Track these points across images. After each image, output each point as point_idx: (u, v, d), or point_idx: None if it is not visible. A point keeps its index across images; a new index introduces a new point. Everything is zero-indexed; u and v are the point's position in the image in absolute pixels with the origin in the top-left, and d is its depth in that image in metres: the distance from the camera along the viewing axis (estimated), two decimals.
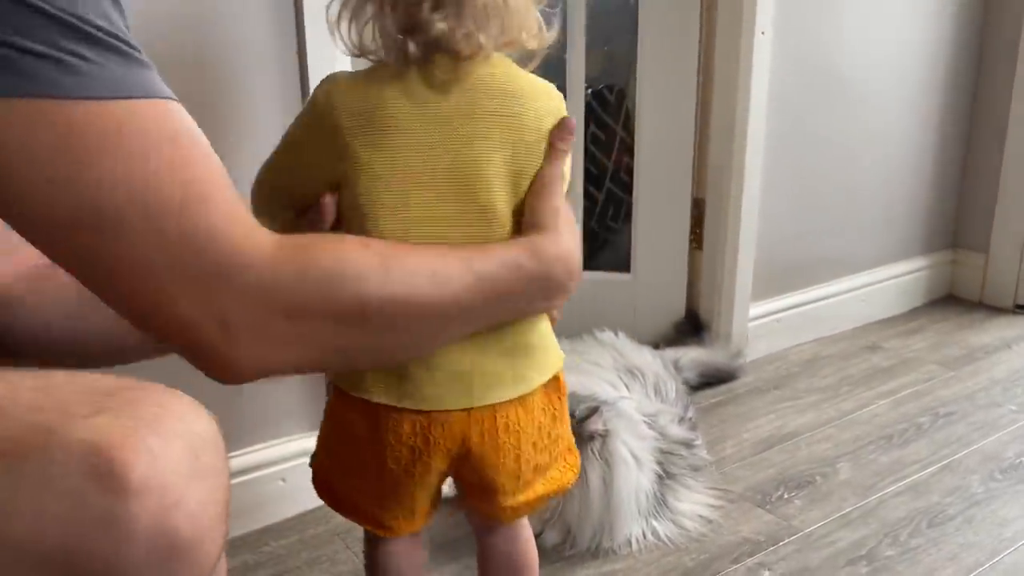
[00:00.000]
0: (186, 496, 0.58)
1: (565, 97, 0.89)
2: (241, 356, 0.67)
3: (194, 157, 0.63)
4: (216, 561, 0.62)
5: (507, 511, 0.94)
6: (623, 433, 1.38)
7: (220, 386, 1.34)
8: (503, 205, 0.83)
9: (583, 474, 1.35)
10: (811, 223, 2.14)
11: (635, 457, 1.38)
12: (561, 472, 0.97)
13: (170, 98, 0.63)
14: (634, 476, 1.37)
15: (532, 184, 0.84)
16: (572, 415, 1.34)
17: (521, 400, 0.89)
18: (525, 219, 0.84)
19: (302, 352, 0.70)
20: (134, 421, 0.58)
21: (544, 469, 0.94)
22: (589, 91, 2.12)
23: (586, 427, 1.33)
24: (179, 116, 0.63)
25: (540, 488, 0.95)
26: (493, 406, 0.88)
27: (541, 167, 0.84)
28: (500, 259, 0.79)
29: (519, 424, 0.89)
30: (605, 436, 1.35)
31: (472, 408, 0.87)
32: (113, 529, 0.55)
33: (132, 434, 0.57)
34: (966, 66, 2.33)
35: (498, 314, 0.82)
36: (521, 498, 0.93)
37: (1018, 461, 1.63)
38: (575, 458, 0.99)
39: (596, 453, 1.35)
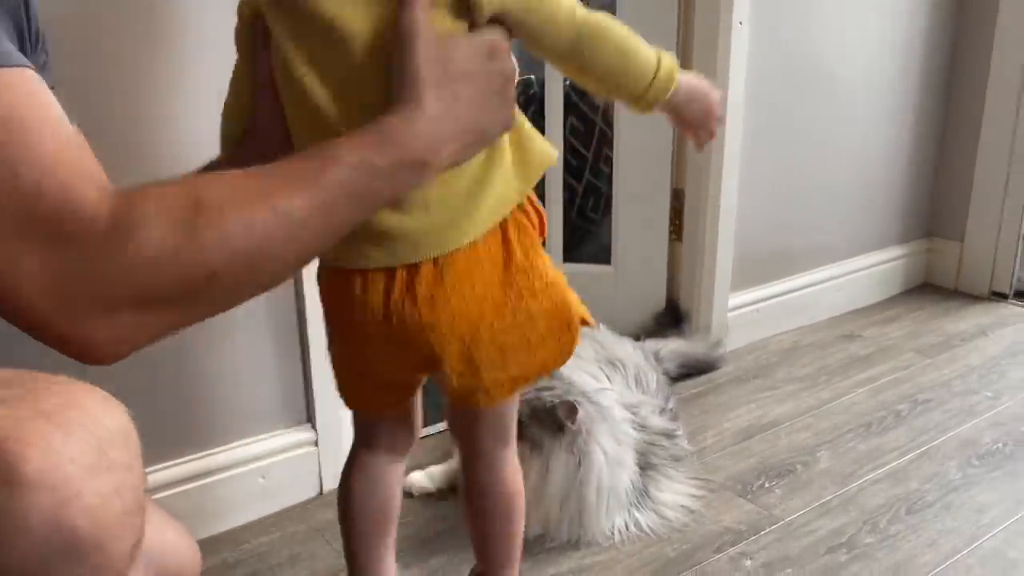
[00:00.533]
0: (86, 490, 0.56)
1: (543, 87, 0.87)
2: (89, 334, 0.63)
3: (31, 119, 0.61)
4: (128, 561, 0.61)
5: (464, 393, 0.88)
6: (601, 436, 1.37)
7: (200, 384, 1.32)
8: (375, 75, 0.76)
9: (547, 471, 1.35)
10: (789, 214, 2.15)
11: (610, 459, 1.37)
12: (551, 353, 0.89)
13: (20, 65, 0.62)
14: (606, 478, 1.36)
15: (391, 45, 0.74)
16: (552, 408, 1.34)
17: (451, 261, 0.82)
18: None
19: (163, 324, 0.67)
20: (33, 412, 0.56)
21: (516, 349, 0.86)
22: (567, 81, 2.11)
23: (559, 418, 1.34)
24: (23, 83, 0.62)
25: (514, 370, 0.87)
26: (412, 268, 0.81)
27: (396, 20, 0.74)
28: (348, 164, 0.71)
29: (449, 290, 0.82)
30: (577, 435, 1.35)
31: (395, 268, 0.81)
32: (5, 523, 0.54)
33: (29, 425, 0.56)
34: (941, 58, 2.34)
35: (368, 210, 0.74)
36: (491, 377, 0.86)
37: (995, 447, 1.64)
38: (572, 336, 0.91)
39: (565, 448, 1.35)
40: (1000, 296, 2.40)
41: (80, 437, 0.57)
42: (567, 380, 1.45)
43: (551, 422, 1.35)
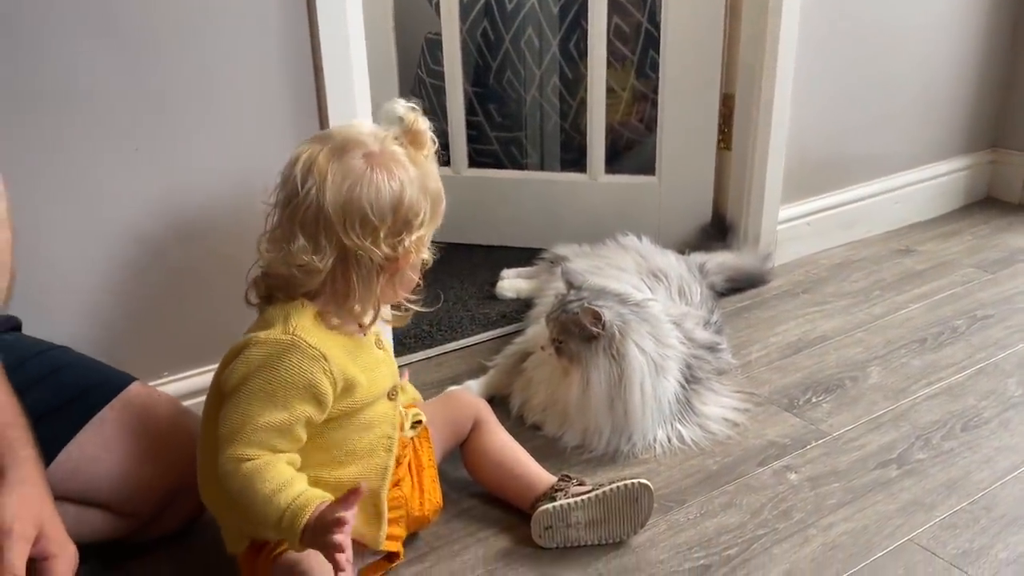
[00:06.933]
0: None
1: None
2: None
3: None
4: None
5: None
6: (639, 337, 1.32)
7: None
8: None
9: (587, 382, 1.32)
10: (846, 120, 2.03)
11: (651, 360, 1.33)
12: None
13: None
14: (649, 381, 1.32)
15: None
16: (576, 317, 1.30)
17: None
18: None
19: None
20: None
21: None
22: None
23: (586, 327, 1.30)
24: None
25: None
26: None
27: None
28: None
29: None
30: (612, 339, 1.31)
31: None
32: None
33: None
34: None
35: None
36: None
37: None
38: None
39: (602, 355, 1.31)
40: None
41: None
42: (596, 288, 1.40)
43: (581, 332, 1.31)
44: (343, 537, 0.85)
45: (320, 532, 0.86)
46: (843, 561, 1.12)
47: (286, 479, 0.91)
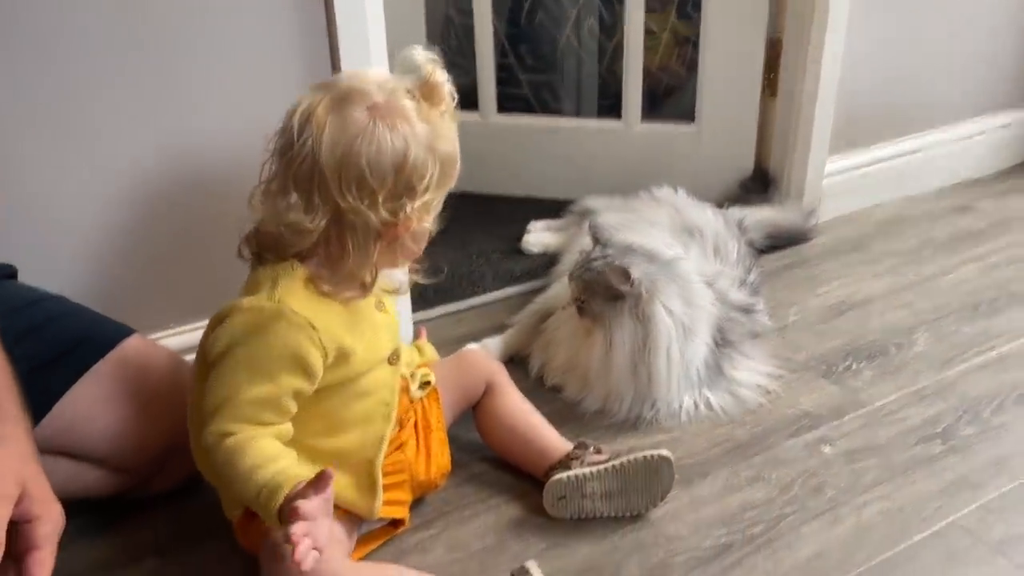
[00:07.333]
0: None
1: None
2: None
3: None
4: None
5: None
6: (666, 297, 1.25)
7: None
8: None
9: (611, 344, 1.25)
10: (902, 66, 1.90)
11: (679, 321, 1.26)
12: None
13: None
14: (676, 344, 1.25)
15: None
16: (603, 275, 1.22)
17: None
18: None
19: None
20: None
21: None
22: None
23: (613, 286, 1.23)
24: None
25: None
26: None
27: None
28: None
29: None
30: (638, 298, 1.23)
31: None
32: None
33: None
34: None
35: None
36: None
37: None
38: None
39: (628, 315, 1.24)
40: None
41: None
42: (623, 244, 1.32)
43: (606, 292, 1.23)
44: (300, 528, 0.77)
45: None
46: (877, 544, 1.05)
47: (268, 456, 0.86)
